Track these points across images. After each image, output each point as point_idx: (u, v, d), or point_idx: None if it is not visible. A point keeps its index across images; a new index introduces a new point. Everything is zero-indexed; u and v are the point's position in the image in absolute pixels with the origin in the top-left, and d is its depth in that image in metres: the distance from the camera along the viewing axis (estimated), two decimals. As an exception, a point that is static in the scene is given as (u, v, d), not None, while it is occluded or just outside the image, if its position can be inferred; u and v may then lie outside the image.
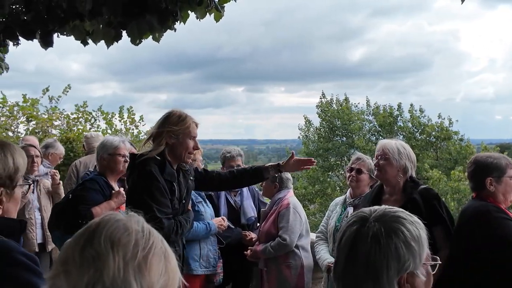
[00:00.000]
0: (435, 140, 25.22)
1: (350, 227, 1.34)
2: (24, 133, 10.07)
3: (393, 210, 1.35)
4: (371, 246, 1.26)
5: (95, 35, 4.05)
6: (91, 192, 3.64)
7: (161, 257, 1.01)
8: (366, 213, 1.35)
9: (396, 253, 1.25)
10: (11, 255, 1.50)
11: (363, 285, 1.27)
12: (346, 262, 1.30)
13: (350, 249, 1.30)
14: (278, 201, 4.27)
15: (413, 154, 3.38)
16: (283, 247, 4.09)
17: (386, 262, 1.25)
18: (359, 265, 1.27)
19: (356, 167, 3.97)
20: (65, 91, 11.36)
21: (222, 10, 4.14)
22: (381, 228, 1.28)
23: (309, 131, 28.19)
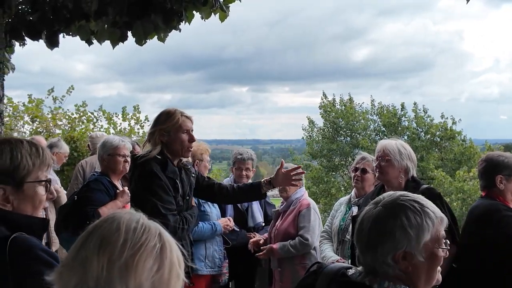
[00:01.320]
0: (439, 140, 25.16)
1: (366, 209, 1.61)
2: (28, 133, 10.11)
3: (404, 198, 1.56)
4: (371, 225, 1.54)
5: (100, 35, 4.07)
6: (97, 192, 3.65)
7: (152, 253, 0.98)
8: (381, 198, 1.60)
9: (390, 233, 1.50)
10: (33, 251, 1.53)
11: (365, 255, 1.55)
12: (357, 234, 1.58)
13: (359, 225, 1.58)
14: (295, 201, 4.24)
15: (414, 154, 3.37)
16: (304, 246, 4.06)
17: (381, 239, 1.50)
18: (362, 240, 1.56)
19: (361, 167, 3.96)
20: (68, 92, 11.40)
21: (227, 10, 4.15)
22: (384, 212, 1.54)
23: (312, 131, 28.17)
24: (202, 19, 4.11)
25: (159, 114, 3.31)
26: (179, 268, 1.03)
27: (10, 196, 1.65)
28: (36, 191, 1.70)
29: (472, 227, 3.13)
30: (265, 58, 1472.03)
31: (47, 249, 1.61)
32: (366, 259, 1.55)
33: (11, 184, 1.65)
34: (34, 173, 1.69)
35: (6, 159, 1.65)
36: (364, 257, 1.56)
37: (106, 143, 3.85)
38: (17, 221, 1.61)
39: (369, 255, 1.53)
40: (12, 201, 1.65)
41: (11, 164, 1.65)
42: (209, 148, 4.45)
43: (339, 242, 3.89)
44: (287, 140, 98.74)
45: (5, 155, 1.66)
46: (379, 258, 1.50)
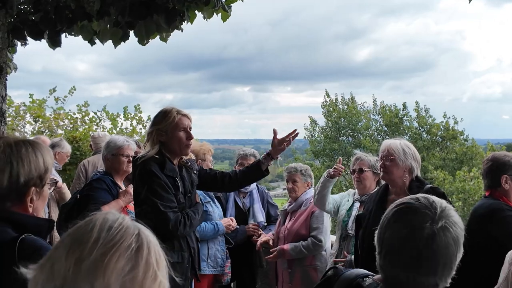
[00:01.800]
0: (441, 140, 25.14)
1: (420, 224, 1.43)
2: (30, 133, 10.14)
3: (450, 213, 1.48)
4: (450, 246, 1.43)
5: (102, 35, 4.07)
6: (99, 191, 3.66)
7: (126, 253, 0.94)
8: (431, 213, 1.45)
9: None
10: (40, 253, 1.49)
11: (439, 275, 1.44)
12: (417, 255, 1.42)
13: (425, 245, 1.41)
14: (306, 201, 4.23)
15: (418, 154, 3.37)
16: (317, 247, 4.05)
17: (455, 258, 1.45)
18: (434, 260, 1.42)
19: (357, 167, 3.96)
20: (70, 92, 11.43)
21: (229, 10, 4.14)
22: (447, 229, 1.44)
23: (314, 131, 28.16)
24: (204, 19, 4.11)
25: (157, 113, 3.32)
26: (157, 271, 0.98)
27: (34, 197, 1.69)
28: (47, 191, 1.76)
29: (474, 226, 3.14)
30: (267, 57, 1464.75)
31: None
32: (421, 279, 1.44)
33: (39, 186, 1.69)
34: (49, 174, 1.74)
35: (41, 163, 1.69)
36: (419, 277, 1.44)
37: (110, 143, 3.86)
38: (24, 222, 1.62)
39: (425, 275, 1.44)
40: (34, 202, 1.69)
41: (44, 166, 1.70)
42: (212, 149, 4.46)
43: (344, 237, 3.92)
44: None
45: (39, 158, 1.69)
46: (444, 277, 1.47)
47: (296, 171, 4.31)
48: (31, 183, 1.68)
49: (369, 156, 4.01)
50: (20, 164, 1.65)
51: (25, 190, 1.67)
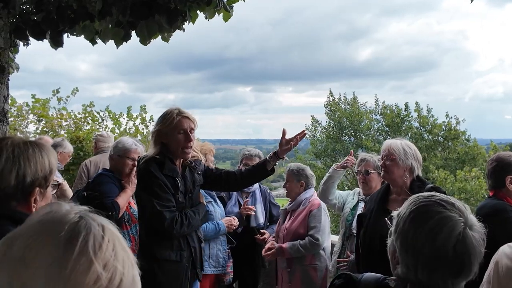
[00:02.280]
0: (443, 140, 25.10)
1: (446, 226, 1.42)
2: (33, 133, 10.15)
3: (469, 212, 1.50)
4: (480, 245, 1.45)
5: (104, 35, 4.08)
6: (107, 184, 3.72)
7: (52, 243, 0.82)
8: (462, 217, 1.46)
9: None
10: None
11: (457, 279, 1.44)
12: (446, 256, 1.41)
13: (465, 250, 1.42)
14: (305, 201, 4.24)
15: (419, 153, 3.37)
16: (314, 246, 4.06)
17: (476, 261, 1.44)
18: (473, 263, 1.43)
19: (362, 169, 3.97)
20: (73, 93, 11.45)
21: (230, 10, 4.15)
22: (480, 238, 1.46)
23: (316, 131, 28.15)
24: (206, 19, 4.12)
25: (161, 114, 3.35)
26: (93, 258, 0.83)
27: (38, 198, 1.72)
28: (50, 193, 1.79)
29: None
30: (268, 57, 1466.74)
31: None
32: (438, 282, 1.44)
33: (43, 186, 1.73)
34: (53, 174, 1.78)
35: (46, 164, 1.73)
36: (440, 281, 1.44)
37: (119, 144, 3.92)
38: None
39: (456, 280, 1.45)
40: (38, 203, 1.72)
41: (49, 168, 1.74)
42: (213, 149, 4.46)
43: (347, 236, 3.93)
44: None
45: (44, 159, 1.73)
46: (463, 280, 1.46)
47: (289, 171, 4.34)
48: (37, 183, 1.71)
49: (374, 157, 4.01)
50: (27, 164, 1.68)
51: (30, 190, 1.70)
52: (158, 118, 3.34)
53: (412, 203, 1.50)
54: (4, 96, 3.41)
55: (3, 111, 3.43)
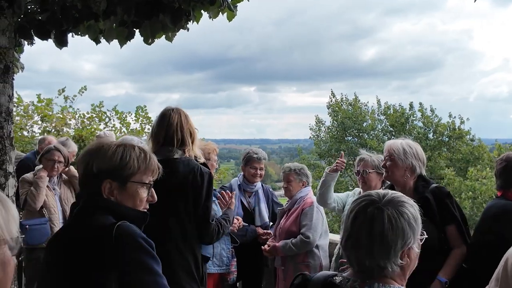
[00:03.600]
0: (447, 139, 25.05)
1: (364, 208, 1.56)
2: (38, 133, 10.20)
3: (397, 195, 1.60)
4: (387, 226, 1.51)
5: (108, 34, 4.08)
6: None
7: None
8: (375, 197, 1.59)
9: (402, 232, 1.51)
10: (133, 237, 1.76)
11: (377, 256, 1.51)
12: (363, 237, 1.53)
13: (369, 226, 1.53)
14: (299, 200, 4.26)
15: (422, 153, 3.35)
16: (305, 244, 4.07)
17: (396, 238, 1.51)
18: (375, 241, 1.51)
19: (361, 169, 3.96)
20: (80, 92, 11.50)
21: (234, 9, 4.14)
22: (393, 211, 1.53)
23: (320, 131, 28.15)
24: (210, 19, 4.11)
25: (172, 115, 3.19)
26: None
27: (115, 191, 1.88)
28: (137, 191, 1.92)
29: (486, 226, 3.12)
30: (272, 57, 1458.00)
31: (145, 236, 1.81)
32: (371, 262, 1.52)
33: (117, 180, 1.88)
34: (138, 175, 1.92)
35: (117, 159, 1.89)
36: (369, 260, 1.52)
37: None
38: (123, 211, 1.86)
39: (378, 257, 1.51)
40: (116, 195, 1.89)
41: (120, 163, 1.89)
42: (216, 148, 4.46)
43: None
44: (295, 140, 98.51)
45: (117, 155, 1.90)
46: (391, 259, 1.51)
47: (290, 170, 4.33)
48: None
49: (373, 156, 3.99)
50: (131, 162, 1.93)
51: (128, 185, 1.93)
52: (184, 118, 3.18)
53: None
54: (8, 95, 3.42)
55: (7, 111, 3.44)
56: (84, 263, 1.74)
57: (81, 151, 8.02)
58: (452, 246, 3.06)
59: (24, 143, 9.64)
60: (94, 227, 1.78)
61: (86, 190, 1.94)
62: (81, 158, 1.96)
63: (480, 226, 3.21)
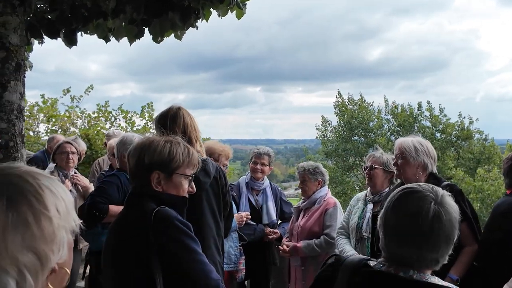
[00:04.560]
0: (456, 139, 24.95)
1: (421, 203, 1.54)
2: (44, 133, 10.24)
3: (446, 193, 1.60)
4: (447, 221, 1.52)
5: (117, 32, 4.09)
6: (110, 185, 3.63)
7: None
8: (429, 192, 1.57)
9: (455, 226, 1.55)
10: (170, 220, 1.97)
11: (429, 249, 1.53)
12: (423, 233, 1.52)
13: (430, 224, 1.52)
14: (319, 199, 4.22)
15: (433, 150, 3.34)
16: (330, 245, 4.04)
17: (453, 233, 1.54)
18: (437, 237, 1.52)
19: (369, 164, 3.93)
20: (87, 91, 11.52)
21: (243, 7, 4.14)
22: (448, 207, 1.54)
23: (326, 130, 28.12)
24: (219, 17, 4.11)
25: (181, 113, 3.19)
26: (47, 211, 0.97)
27: (162, 181, 2.11)
28: (181, 182, 2.16)
29: (495, 224, 3.11)
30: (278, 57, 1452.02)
31: (181, 219, 2.03)
32: (421, 257, 1.54)
33: (164, 172, 2.11)
34: (182, 168, 2.16)
35: (166, 153, 2.12)
36: (421, 254, 1.54)
37: (126, 141, 3.84)
38: (163, 198, 2.09)
39: (430, 250, 1.54)
40: (162, 186, 2.12)
41: (168, 157, 2.12)
42: (231, 154, 4.34)
43: (357, 239, 3.87)
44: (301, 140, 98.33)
45: (166, 149, 2.13)
46: (445, 252, 1.55)
47: (305, 170, 4.29)
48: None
49: (384, 154, 3.97)
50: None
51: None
52: (188, 118, 3.18)
53: (393, 193, 1.66)
54: (20, 93, 3.43)
55: (19, 108, 3.45)
56: (131, 243, 1.98)
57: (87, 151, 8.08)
58: (464, 244, 3.04)
59: (30, 143, 9.69)
60: (139, 213, 2.02)
61: (136, 180, 2.16)
62: (133, 151, 2.19)
63: (490, 224, 3.20)
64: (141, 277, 1.92)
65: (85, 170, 7.43)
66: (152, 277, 1.88)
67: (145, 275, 1.90)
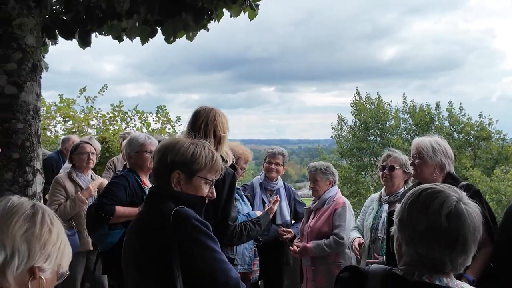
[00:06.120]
0: (473, 139, 24.66)
1: (448, 202, 1.49)
2: (61, 133, 10.33)
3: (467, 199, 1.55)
4: (477, 223, 1.50)
5: (130, 32, 4.12)
6: (118, 187, 3.62)
7: (23, 216, 1.30)
8: (455, 194, 1.52)
9: (479, 230, 1.52)
10: (189, 220, 1.98)
11: (457, 254, 1.48)
12: (454, 233, 1.47)
13: (461, 223, 1.47)
14: (329, 199, 4.21)
15: (450, 150, 3.29)
16: (339, 245, 4.03)
17: (478, 236, 1.51)
18: (467, 237, 1.48)
19: (388, 164, 3.89)
20: (101, 91, 11.60)
21: (256, 8, 4.14)
22: (475, 209, 1.51)
23: (341, 130, 27.99)
24: (231, 17, 4.12)
25: (199, 113, 3.23)
26: (51, 226, 1.31)
27: (182, 181, 2.11)
28: (201, 185, 2.15)
29: (508, 224, 3.06)
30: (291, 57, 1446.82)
31: (200, 218, 2.04)
32: (454, 259, 1.50)
33: (185, 172, 2.11)
34: (204, 171, 2.15)
35: (189, 154, 2.12)
36: (454, 256, 1.49)
37: (132, 141, 3.84)
38: (182, 198, 2.09)
39: (463, 254, 1.50)
40: (182, 186, 2.12)
41: (191, 158, 2.12)
42: (250, 157, 4.26)
43: (372, 240, 3.85)
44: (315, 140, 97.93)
45: (189, 150, 2.13)
46: (469, 256, 1.51)
47: (316, 170, 4.27)
48: None
49: (401, 154, 3.94)
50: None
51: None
52: (210, 118, 3.19)
53: (410, 193, 1.60)
54: (36, 93, 3.47)
55: (35, 109, 3.49)
56: (151, 243, 2.00)
57: (105, 153, 8.11)
58: (480, 245, 3.00)
59: (48, 143, 9.78)
60: (158, 213, 2.03)
61: (158, 178, 2.17)
62: (158, 150, 2.20)
63: (503, 224, 3.15)
64: (161, 276, 1.93)
65: (102, 171, 7.48)
66: (171, 276, 1.90)
67: (164, 274, 1.91)
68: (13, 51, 3.34)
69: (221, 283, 1.95)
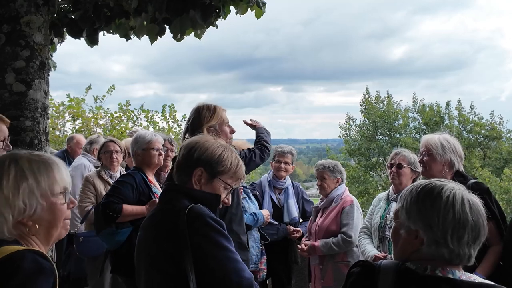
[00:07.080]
0: (483, 139, 24.48)
1: (454, 194, 1.51)
2: (70, 132, 10.37)
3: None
4: (481, 214, 1.52)
5: (138, 30, 4.12)
6: (125, 185, 3.62)
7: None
8: (457, 185, 1.55)
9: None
10: (203, 218, 1.97)
11: (469, 245, 1.49)
12: (464, 225, 1.49)
13: (469, 214, 1.49)
14: (337, 198, 4.19)
15: (460, 148, 3.26)
16: (347, 244, 4.01)
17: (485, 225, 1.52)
18: (477, 228, 1.49)
19: (396, 162, 3.86)
20: (109, 91, 11.64)
21: (263, 6, 4.13)
22: (478, 201, 1.53)
23: (350, 129, 27.89)
24: (237, 14, 4.11)
25: (199, 110, 3.28)
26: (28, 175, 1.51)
27: (202, 180, 2.10)
28: (220, 189, 2.14)
29: None
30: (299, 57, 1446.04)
31: (214, 216, 2.02)
32: (465, 249, 1.50)
33: (208, 171, 2.10)
34: (226, 175, 2.14)
35: (216, 154, 2.12)
36: (466, 247, 1.50)
37: (138, 139, 3.84)
38: (197, 195, 2.08)
39: (474, 244, 1.51)
40: (201, 184, 2.11)
41: (217, 158, 2.11)
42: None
43: (380, 238, 3.82)
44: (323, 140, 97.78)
45: (218, 151, 2.13)
46: (476, 247, 1.51)
47: (324, 168, 4.25)
48: None
49: (409, 152, 3.91)
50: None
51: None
52: (200, 114, 3.23)
53: (414, 188, 1.59)
54: (44, 91, 3.49)
55: (43, 106, 3.50)
56: (164, 240, 1.99)
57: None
58: (490, 243, 2.97)
59: (58, 143, 9.83)
60: (172, 210, 2.03)
61: (179, 173, 2.15)
62: (186, 145, 2.19)
63: None
64: (174, 274, 1.92)
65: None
66: (184, 274, 1.89)
67: (178, 272, 1.90)
68: (21, 49, 3.36)
69: (234, 282, 1.92)
